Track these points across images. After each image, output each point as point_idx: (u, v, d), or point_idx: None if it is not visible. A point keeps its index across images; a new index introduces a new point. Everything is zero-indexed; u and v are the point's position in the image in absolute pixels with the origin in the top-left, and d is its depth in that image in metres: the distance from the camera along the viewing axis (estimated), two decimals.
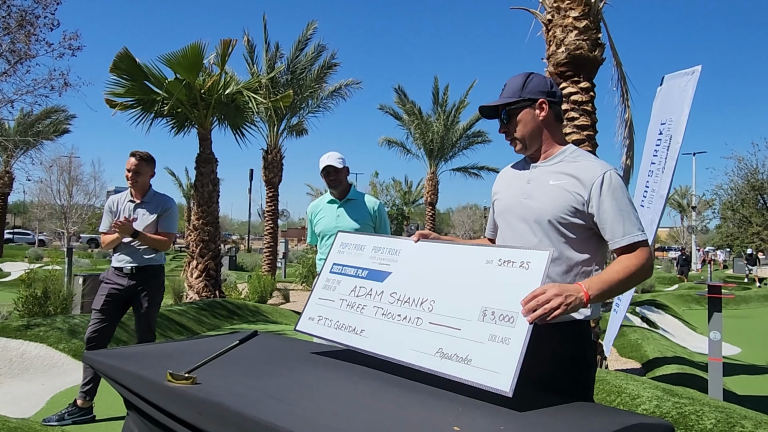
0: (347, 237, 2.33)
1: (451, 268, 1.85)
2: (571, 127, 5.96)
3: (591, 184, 1.76)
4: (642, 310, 12.01)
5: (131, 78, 9.86)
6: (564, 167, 1.84)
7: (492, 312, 1.63)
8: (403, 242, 2.10)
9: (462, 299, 1.74)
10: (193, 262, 10.88)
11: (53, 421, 3.70)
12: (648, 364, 6.53)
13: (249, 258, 25.69)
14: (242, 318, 9.49)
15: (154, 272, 3.97)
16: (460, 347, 1.64)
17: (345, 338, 1.98)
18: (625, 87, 6.40)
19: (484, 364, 1.55)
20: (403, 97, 24.16)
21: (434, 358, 1.68)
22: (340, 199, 3.34)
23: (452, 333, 1.69)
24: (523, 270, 1.66)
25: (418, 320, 1.80)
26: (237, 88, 11.06)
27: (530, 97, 1.87)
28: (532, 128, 1.88)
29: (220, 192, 11.29)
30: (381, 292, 1.99)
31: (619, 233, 1.72)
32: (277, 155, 18.27)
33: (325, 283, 2.21)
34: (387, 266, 2.06)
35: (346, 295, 2.09)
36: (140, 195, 3.99)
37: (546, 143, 1.91)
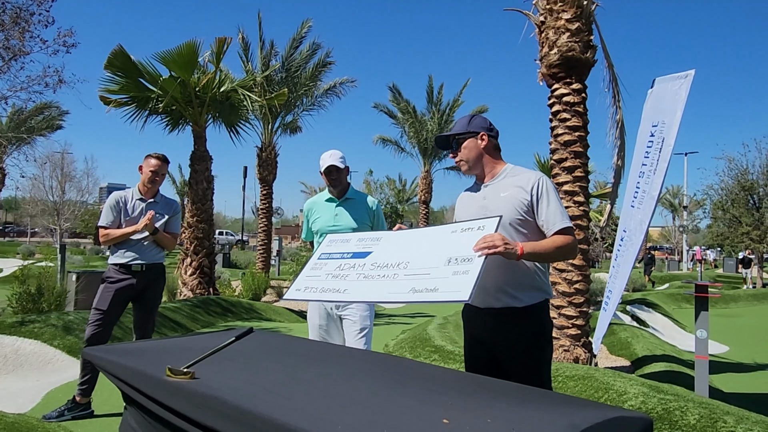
0: (335, 236, 2.74)
1: (424, 241, 2.29)
2: (563, 128, 6.04)
3: (531, 188, 2.28)
4: (632, 309, 12.14)
5: (126, 75, 9.85)
6: (509, 181, 2.35)
7: (455, 258, 2.07)
8: (385, 233, 2.52)
9: (432, 256, 2.15)
10: (187, 259, 10.90)
11: (53, 417, 3.74)
12: (637, 362, 6.63)
13: (243, 255, 25.68)
14: (236, 315, 9.52)
15: (161, 270, 4.11)
16: (429, 283, 2.03)
17: (328, 297, 2.31)
18: (616, 88, 6.48)
19: (449, 288, 1.96)
20: (397, 95, 24.23)
21: (407, 294, 2.06)
22: (339, 198, 3.33)
23: (423, 277, 2.08)
24: (480, 231, 2.12)
25: (395, 275, 2.18)
26: (232, 86, 11.07)
27: (474, 130, 2.40)
28: (475, 154, 2.41)
29: (214, 189, 11.31)
30: (363, 264, 2.34)
31: (551, 222, 2.25)
32: (271, 153, 18.26)
33: (313, 266, 2.55)
34: (369, 248, 2.43)
35: (332, 271, 2.42)
36: (151, 195, 4.06)
37: (488, 166, 2.42)
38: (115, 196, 4.05)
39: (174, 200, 4.26)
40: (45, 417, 3.74)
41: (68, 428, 3.63)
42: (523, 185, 2.30)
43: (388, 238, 2.44)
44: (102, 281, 3.97)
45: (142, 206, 4.01)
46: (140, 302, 3.98)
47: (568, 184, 6.00)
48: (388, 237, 2.46)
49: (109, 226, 3.94)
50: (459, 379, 1.86)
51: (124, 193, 4.08)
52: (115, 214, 3.95)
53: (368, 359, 2.17)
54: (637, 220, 5.03)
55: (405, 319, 10.39)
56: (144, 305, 4.00)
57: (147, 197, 4.05)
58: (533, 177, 2.31)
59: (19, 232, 54.58)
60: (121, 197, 4.03)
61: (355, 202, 3.36)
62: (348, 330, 3.20)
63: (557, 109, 6.11)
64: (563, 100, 6.05)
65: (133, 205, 4.00)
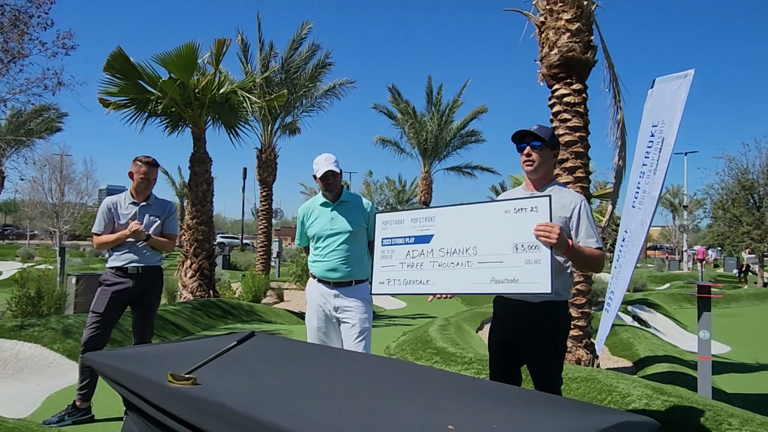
0: (386, 216, 2.77)
1: (481, 221, 2.41)
2: (563, 129, 6.03)
3: (572, 209, 2.54)
4: (634, 309, 12.13)
5: (125, 77, 9.84)
6: (555, 197, 2.45)
7: (522, 245, 2.25)
8: (435, 210, 2.60)
9: (497, 241, 2.32)
10: (187, 261, 10.88)
11: (53, 422, 3.72)
12: (639, 363, 6.62)
13: (243, 257, 25.66)
14: (237, 318, 9.51)
15: (158, 273, 4.07)
16: (507, 273, 2.25)
17: (416, 289, 2.50)
18: (617, 89, 6.47)
19: (528, 279, 2.20)
20: (397, 96, 24.23)
21: (490, 284, 2.29)
22: (334, 202, 3.33)
23: (498, 266, 2.28)
24: (534, 213, 2.27)
25: (468, 263, 2.36)
26: (231, 88, 11.06)
27: (555, 143, 2.67)
28: (546, 161, 2.63)
29: (214, 191, 11.30)
30: (431, 250, 2.49)
31: (588, 240, 2.52)
32: (271, 154, 18.26)
33: (382, 254, 2.67)
34: (428, 231, 2.54)
35: (404, 259, 2.57)
36: (143, 198, 4.01)
37: (546, 177, 2.67)
38: (107, 202, 4.02)
39: (168, 201, 4.20)
40: (45, 422, 3.72)
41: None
42: (566, 204, 2.56)
43: (442, 217, 2.55)
44: (99, 284, 3.94)
45: (135, 210, 3.97)
46: (138, 305, 3.95)
47: (569, 185, 5.99)
48: (440, 216, 2.56)
49: (103, 232, 3.92)
50: (462, 383, 1.85)
51: (117, 198, 4.04)
52: (107, 220, 3.93)
53: (371, 363, 2.15)
54: (638, 221, 5.01)
55: (405, 321, 10.38)
56: (142, 308, 3.97)
57: (139, 200, 4.01)
58: (576, 199, 2.60)
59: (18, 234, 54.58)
60: (113, 203, 4.00)
61: (350, 205, 3.35)
62: (346, 333, 3.18)
63: (558, 110, 6.10)
64: (564, 101, 6.04)
65: (127, 209, 3.97)
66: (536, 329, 2.50)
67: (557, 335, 2.56)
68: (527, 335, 2.53)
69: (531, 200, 2.32)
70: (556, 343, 2.55)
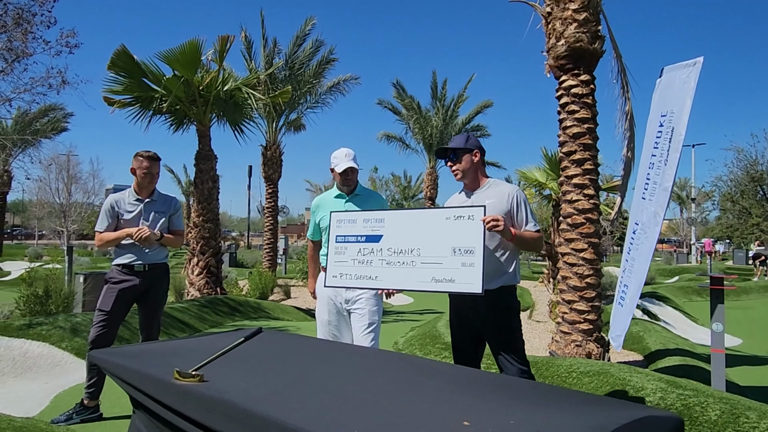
0: (340, 215, 3.05)
1: (425, 226, 2.71)
2: (571, 120, 5.95)
3: (509, 199, 2.86)
4: (643, 303, 12.03)
5: (129, 75, 9.82)
6: (492, 191, 2.92)
7: (459, 249, 2.56)
8: (385, 213, 2.90)
9: (438, 244, 2.62)
10: (194, 259, 10.87)
11: (61, 421, 3.70)
12: (650, 357, 6.54)
13: (249, 255, 25.67)
14: (244, 315, 9.50)
15: (164, 270, 4.02)
16: (446, 274, 2.55)
17: (365, 284, 2.81)
18: (625, 79, 6.37)
19: (463, 280, 2.50)
20: (401, 91, 24.08)
21: (431, 283, 2.59)
22: (348, 195, 3.35)
23: (438, 266, 2.59)
24: (471, 220, 2.59)
25: (412, 263, 2.68)
26: (235, 85, 11.02)
27: (470, 147, 2.97)
28: (469, 167, 2.97)
29: (219, 189, 11.28)
30: (380, 249, 2.80)
31: (527, 224, 2.85)
32: (276, 151, 18.22)
33: (335, 250, 2.95)
34: (378, 231, 2.84)
35: (355, 256, 2.86)
36: (147, 194, 3.95)
37: (477, 178, 2.99)
38: (110, 200, 3.94)
39: (172, 196, 4.13)
40: (53, 421, 3.70)
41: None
42: (502, 196, 2.87)
43: (391, 220, 2.85)
44: (105, 282, 3.89)
45: (140, 207, 3.90)
46: (145, 303, 3.90)
47: (577, 177, 5.91)
48: (390, 218, 2.86)
49: (105, 230, 3.85)
50: (476, 378, 1.80)
51: (120, 196, 3.96)
52: (111, 219, 3.86)
53: (380, 359, 2.11)
54: (650, 213, 4.93)
55: (413, 316, 10.34)
56: (148, 306, 3.93)
57: (144, 197, 3.94)
58: (512, 190, 2.91)
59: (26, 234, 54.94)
60: (117, 200, 3.92)
61: (362, 198, 3.37)
62: (356, 324, 3.18)
63: (565, 101, 6.01)
64: (571, 92, 5.95)
65: (131, 206, 3.90)
66: (494, 313, 2.78)
67: (513, 317, 2.84)
68: (486, 319, 2.80)
69: (469, 209, 2.63)
70: (512, 324, 2.82)
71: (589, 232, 5.82)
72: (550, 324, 8.89)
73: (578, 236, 5.84)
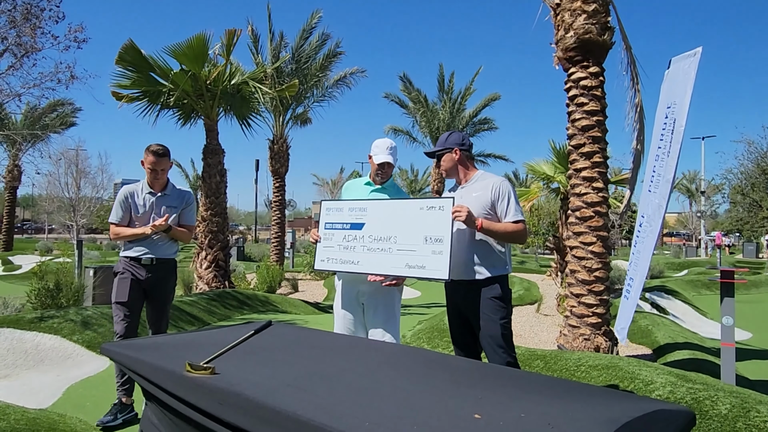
0: (329, 203, 3.27)
1: (401, 215, 2.93)
2: (580, 113, 5.91)
3: (492, 190, 2.96)
4: (651, 296, 11.97)
5: (137, 70, 9.84)
6: (478, 185, 3.04)
7: (430, 237, 2.77)
8: (367, 202, 3.12)
9: (412, 233, 2.84)
10: (202, 253, 10.93)
11: (107, 422, 3.60)
12: (659, 350, 6.51)
13: (256, 248, 25.78)
14: (252, 308, 9.55)
15: (172, 265, 3.99)
16: (418, 260, 2.78)
17: (348, 268, 3.04)
18: (635, 71, 6.31)
19: (432, 267, 2.72)
20: (408, 85, 24.02)
21: (404, 269, 2.82)
22: (377, 185, 3.34)
23: (411, 253, 2.81)
24: (441, 211, 2.80)
25: (389, 249, 2.91)
26: (243, 79, 11.02)
27: (449, 146, 3.11)
28: (451, 165, 3.13)
29: (227, 183, 11.32)
30: (362, 236, 3.03)
31: (507, 214, 2.93)
32: (283, 145, 18.24)
33: (324, 236, 3.22)
34: (361, 219, 3.08)
35: (341, 242, 3.12)
36: (159, 187, 3.91)
37: (462, 173, 3.12)
38: (124, 191, 3.91)
39: (187, 191, 4.10)
40: (99, 423, 3.60)
41: (90, 423, 3.63)
42: (487, 188, 2.97)
43: (373, 209, 3.07)
44: (114, 275, 3.85)
45: (152, 200, 3.86)
46: (152, 298, 3.85)
47: (586, 170, 5.88)
48: (371, 207, 3.08)
49: (120, 222, 3.84)
50: (486, 372, 1.80)
51: (134, 187, 3.92)
52: (125, 210, 3.83)
53: (391, 351, 2.12)
54: (654, 205, 4.91)
55: (421, 309, 10.35)
56: (156, 301, 3.84)
57: (156, 190, 3.89)
58: (497, 181, 3.00)
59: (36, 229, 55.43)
60: (130, 192, 3.88)
61: (388, 192, 3.34)
62: (371, 318, 3.12)
63: (574, 94, 5.97)
64: (580, 84, 5.91)
65: (143, 200, 3.86)
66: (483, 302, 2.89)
67: (502, 306, 2.91)
68: (475, 308, 2.91)
69: (439, 200, 2.83)
70: (500, 313, 2.90)
71: (598, 225, 5.79)
72: (558, 318, 8.87)
73: (587, 229, 5.81)
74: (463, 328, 3.01)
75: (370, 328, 3.14)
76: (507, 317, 2.93)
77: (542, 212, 17.73)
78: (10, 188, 27.10)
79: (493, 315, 2.88)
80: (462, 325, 3.02)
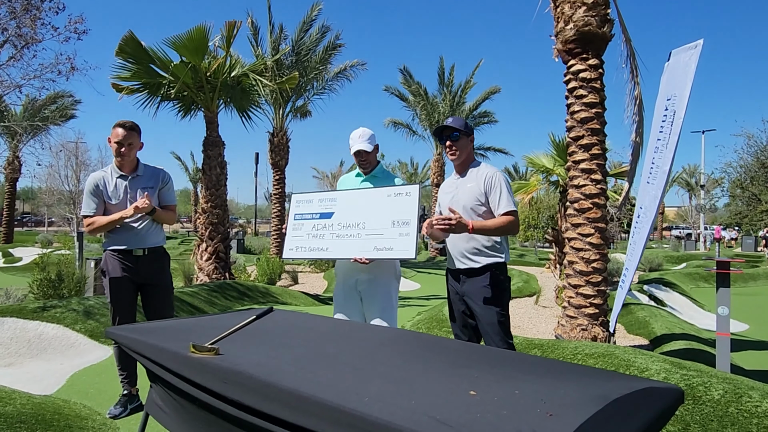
0: (299, 196, 3.43)
1: (370, 203, 3.06)
2: (579, 105, 5.94)
3: (484, 181, 3.02)
4: (649, 288, 12.04)
5: (137, 61, 9.86)
6: (473, 175, 3.10)
7: (397, 221, 2.91)
8: (337, 193, 3.25)
9: (380, 218, 2.97)
10: (202, 245, 10.99)
11: (117, 414, 3.53)
12: (656, 341, 6.58)
13: (256, 241, 25.85)
14: (253, 299, 9.61)
15: (162, 253, 3.75)
16: (386, 243, 2.90)
17: (317, 255, 3.17)
18: (634, 63, 6.33)
19: (400, 248, 2.85)
20: (408, 77, 24.01)
21: (373, 252, 2.93)
22: (366, 175, 3.38)
23: (379, 237, 2.94)
24: (408, 197, 2.95)
25: (358, 234, 3.03)
26: (243, 71, 11.04)
27: (468, 131, 3.15)
28: (466, 149, 3.14)
29: (227, 175, 11.35)
30: (331, 224, 3.16)
31: (498, 206, 2.97)
32: (283, 138, 18.28)
33: (293, 227, 3.34)
34: (330, 209, 3.21)
35: (310, 231, 3.23)
36: (130, 169, 3.60)
37: (467, 161, 3.17)
38: (92, 179, 3.57)
39: (160, 168, 3.76)
40: (110, 414, 3.55)
41: (94, 409, 3.69)
42: (480, 178, 3.03)
43: (342, 199, 3.19)
44: (102, 273, 3.61)
45: (125, 184, 3.55)
46: (150, 290, 3.65)
47: (584, 162, 5.92)
48: (341, 197, 3.20)
49: (95, 213, 3.53)
50: (482, 353, 1.85)
51: (102, 174, 3.60)
52: (97, 200, 3.54)
53: (390, 335, 2.17)
54: (651, 196, 4.95)
55: (420, 301, 10.42)
56: (158, 292, 3.66)
57: (127, 172, 3.57)
58: (490, 172, 3.05)
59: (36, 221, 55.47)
60: (100, 178, 3.56)
61: (378, 180, 3.36)
62: (368, 307, 3.18)
63: (573, 86, 6.00)
64: (580, 77, 5.94)
65: (115, 185, 3.55)
66: (481, 290, 2.96)
67: (499, 293, 2.97)
68: (473, 297, 2.99)
69: (406, 187, 2.99)
70: (499, 301, 2.96)
71: (596, 217, 5.84)
72: (557, 309, 8.93)
73: (585, 221, 5.86)
74: (463, 315, 3.09)
75: (367, 316, 3.20)
76: (505, 304, 3.01)
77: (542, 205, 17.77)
78: (10, 180, 27.13)
79: (491, 302, 2.95)
80: (461, 312, 3.10)
